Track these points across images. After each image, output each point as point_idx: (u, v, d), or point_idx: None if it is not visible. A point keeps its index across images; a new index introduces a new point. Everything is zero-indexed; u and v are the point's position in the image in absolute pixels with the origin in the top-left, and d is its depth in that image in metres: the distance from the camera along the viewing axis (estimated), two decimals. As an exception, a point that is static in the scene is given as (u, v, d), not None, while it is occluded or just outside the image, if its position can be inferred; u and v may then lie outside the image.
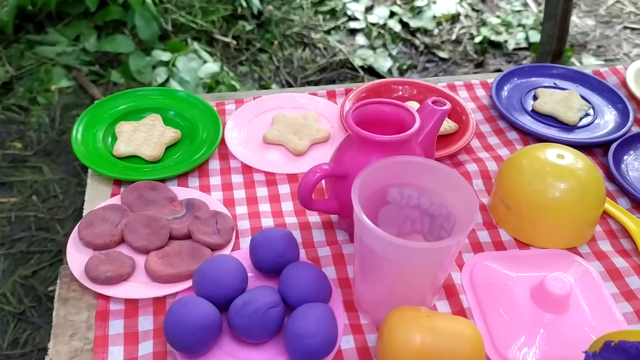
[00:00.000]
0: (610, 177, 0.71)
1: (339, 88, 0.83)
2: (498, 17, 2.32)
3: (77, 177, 1.65)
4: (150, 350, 0.51)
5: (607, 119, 0.79)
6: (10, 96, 1.87)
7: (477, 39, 2.19)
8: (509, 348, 0.52)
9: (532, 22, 2.30)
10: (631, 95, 0.83)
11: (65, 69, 1.96)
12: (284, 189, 0.67)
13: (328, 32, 2.23)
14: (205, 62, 1.97)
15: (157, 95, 0.78)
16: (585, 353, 0.43)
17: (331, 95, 0.82)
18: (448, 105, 0.59)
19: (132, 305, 0.54)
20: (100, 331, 0.52)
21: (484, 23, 2.29)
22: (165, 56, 1.95)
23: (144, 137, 0.71)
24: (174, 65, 1.92)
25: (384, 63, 2.07)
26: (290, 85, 1.97)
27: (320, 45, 2.16)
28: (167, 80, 1.88)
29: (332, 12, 2.31)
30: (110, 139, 0.72)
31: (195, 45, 2.04)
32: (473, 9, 2.37)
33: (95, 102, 0.76)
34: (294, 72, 2.05)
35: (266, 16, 2.24)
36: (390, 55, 2.12)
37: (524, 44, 2.18)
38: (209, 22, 2.18)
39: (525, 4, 2.41)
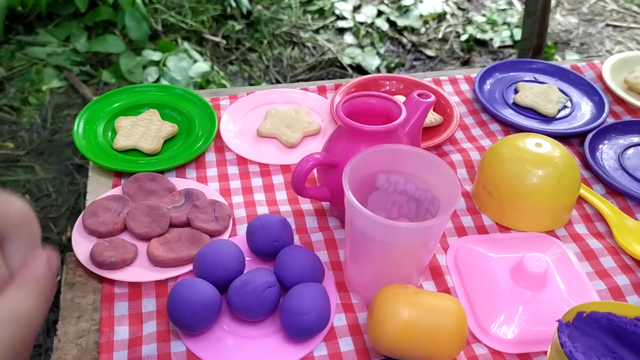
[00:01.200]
0: (586, 165, 0.74)
1: (329, 84, 0.86)
2: (483, 15, 2.36)
3: (70, 176, 1.66)
4: (154, 329, 0.54)
5: (584, 111, 0.83)
6: (1, 97, 1.88)
7: (463, 37, 2.23)
8: (491, 324, 0.56)
9: (517, 21, 2.35)
10: (607, 89, 0.87)
11: (56, 69, 1.97)
12: (278, 179, 0.70)
13: (317, 31, 2.26)
14: (195, 61, 1.99)
15: (154, 91, 0.81)
16: (559, 322, 0.46)
17: (321, 91, 0.85)
18: (432, 98, 0.63)
19: (135, 289, 0.57)
20: (106, 313, 0.55)
21: (469, 21, 2.33)
22: (156, 56, 1.97)
23: (143, 131, 0.74)
24: (164, 64, 1.94)
25: (372, 61, 2.10)
26: (279, 84, 2.00)
27: (309, 44, 2.19)
28: (158, 80, 1.90)
29: (321, 12, 2.34)
30: (110, 134, 0.75)
31: (186, 45, 2.06)
32: (459, 8, 2.42)
33: (95, 98, 0.79)
34: (283, 70, 2.08)
35: (255, 16, 2.27)
36: (378, 53, 2.15)
37: (509, 42, 2.23)
38: (199, 22, 2.21)
39: (510, 3, 2.46)
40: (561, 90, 0.86)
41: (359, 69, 2.08)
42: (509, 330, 0.55)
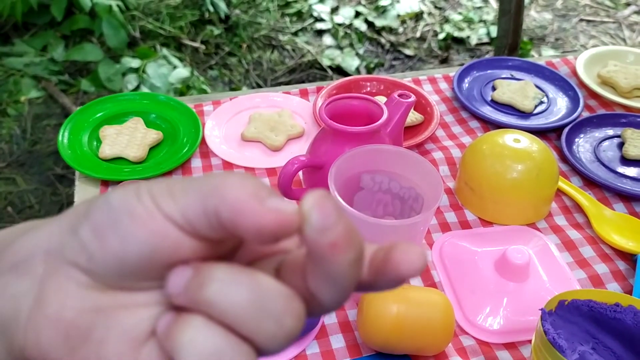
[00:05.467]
0: (563, 158, 0.77)
1: (310, 87, 0.87)
2: (460, 13, 2.39)
3: (52, 187, 1.65)
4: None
5: (560, 106, 0.85)
6: (-21, 109, 1.86)
7: (441, 36, 2.26)
8: (477, 315, 0.57)
9: (493, 18, 2.38)
10: (581, 83, 0.90)
11: (34, 79, 1.96)
12: (264, 182, 0.71)
13: (295, 33, 2.27)
14: (175, 67, 1.99)
15: (138, 99, 0.81)
16: (542, 310, 0.48)
17: (304, 94, 0.86)
18: (413, 98, 0.64)
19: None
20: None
21: (446, 20, 2.36)
22: (135, 63, 1.96)
23: (128, 139, 0.74)
24: (144, 71, 1.94)
25: (351, 62, 2.12)
26: (260, 87, 2.01)
27: (288, 47, 2.20)
28: (137, 87, 1.90)
29: (299, 14, 2.36)
30: (95, 143, 0.75)
31: (165, 51, 2.06)
32: (435, 7, 2.44)
33: (79, 108, 0.79)
34: (263, 74, 2.08)
35: (233, 20, 2.27)
36: (357, 54, 2.17)
37: (485, 39, 2.26)
38: (177, 27, 2.21)
39: (486, 0, 2.49)
40: (537, 87, 0.88)
41: (339, 70, 2.09)
42: (495, 321, 0.57)
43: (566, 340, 0.48)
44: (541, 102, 0.86)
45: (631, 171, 0.75)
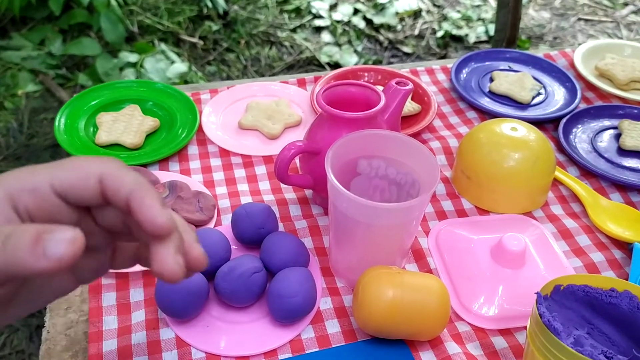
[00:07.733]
0: (560, 149, 0.77)
1: (308, 76, 0.87)
2: (458, 11, 2.39)
3: (49, 181, 1.65)
4: (143, 318, 0.54)
5: (557, 97, 0.85)
6: (-24, 102, 1.86)
7: (439, 34, 2.26)
8: (473, 302, 0.57)
9: (491, 16, 2.38)
10: (579, 75, 0.90)
11: (32, 73, 1.95)
12: (261, 169, 0.71)
13: (294, 30, 2.27)
14: (173, 62, 1.99)
15: (135, 87, 0.81)
16: (537, 294, 0.48)
17: (301, 83, 0.86)
18: (410, 85, 0.64)
19: (123, 279, 0.57)
20: (94, 303, 0.55)
21: (445, 18, 2.36)
22: (133, 58, 1.96)
23: (124, 126, 0.74)
24: (141, 66, 1.94)
25: (349, 59, 2.12)
26: (258, 83, 2.00)
27: (286, 44, 2.20)
28: (135, 82, 1.89)
29: (297, 11, 2.36)
30: (92, 129, 0.75)
31: (163, 46, 2.06)
32: (434, 5, 2.45)
33: (75, 95, 0.79)
34: (261, 70, 2.08)
35: (232, 16, 2.27)
36: (355, 51, 2.17)
37: (484, 37, 2.26)
38: (175, 23, 2.20)
39: (484, -1, 2.50)
40: (535, 78, 0.88)
41: (337, 67, 2.09)
42: (490, 308, 0.57)
43: (561, 325, 0.48)
44: (539, 94, 0.86)
45: (628, 161, 0.75)
